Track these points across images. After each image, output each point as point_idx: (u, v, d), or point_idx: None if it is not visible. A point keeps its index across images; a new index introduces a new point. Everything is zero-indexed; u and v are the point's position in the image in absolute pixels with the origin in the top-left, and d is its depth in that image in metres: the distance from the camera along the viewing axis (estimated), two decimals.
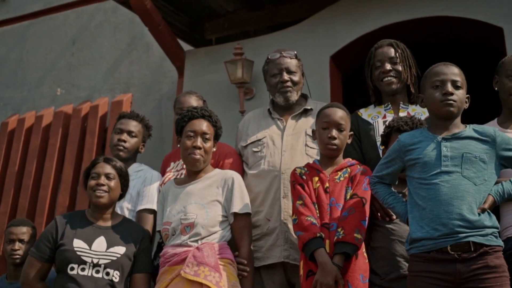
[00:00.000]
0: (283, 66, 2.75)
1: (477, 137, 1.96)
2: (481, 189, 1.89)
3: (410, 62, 2.71)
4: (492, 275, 1.79)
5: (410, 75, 2.70)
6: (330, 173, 2.34)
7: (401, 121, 2.31)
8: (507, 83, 2.41)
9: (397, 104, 2.68)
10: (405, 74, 2.68)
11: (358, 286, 2.12)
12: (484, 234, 1.83)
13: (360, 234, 2.12)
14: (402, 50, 2.71)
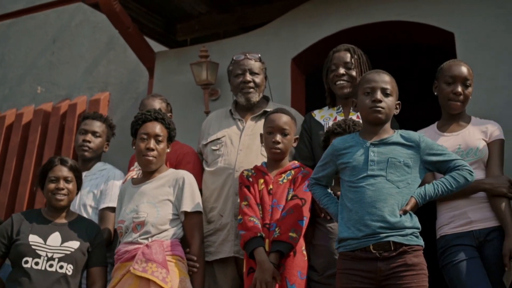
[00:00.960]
0: (246, 67, 2.86)
1: (403, 143, 2.07)
2: (404, 192, 2.00)
3: (365, 68, 2.79)
4: (410, 273, 1.91)
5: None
6: (274, 175, 2.46)
7: (335, 125, 2.42)
8: (445, 88, 2.52)
9: (349, 107, 2.78)
10: (358, 79, 2.77)
11: (295, 282, 2.24)
12: (404, 234, 1.94)
13: (296, 233, 2.24)
14: (358, 56, 2.80)
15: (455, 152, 2.42)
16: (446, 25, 3.26)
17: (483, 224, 2.32)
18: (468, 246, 2.30)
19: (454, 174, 2.04)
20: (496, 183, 2.31)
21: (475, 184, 2.32)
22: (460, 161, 2.07)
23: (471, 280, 2.21)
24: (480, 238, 2.31)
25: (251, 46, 3.74)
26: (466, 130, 2.51)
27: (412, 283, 1.90)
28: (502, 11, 3.17)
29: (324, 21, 3.57)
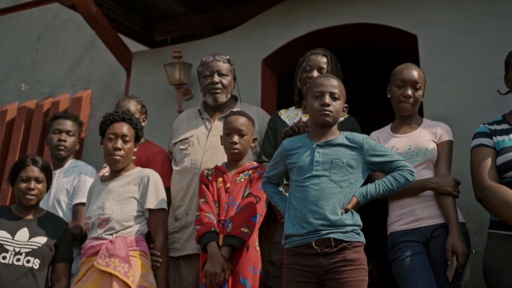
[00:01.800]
0: (214, 68, 2.96)
1: (347, 144, 2.17)
2: (346, 191, 2.10)
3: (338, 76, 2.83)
4: (349, 268, 2.01)
5: None
6: (232, 174, 2.57)
7: (289, 127, 2.52)
8: (396, 91, 2.62)
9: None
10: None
11: (248, 276, 2.35)
12: (344, 231, 2.04)
13: (248, 228, 2.35)
14: (334, 64, 2.88)
15: (406, 152, 2.53)
16: (409, 27, 3.36)
17: (429, 221, 2.42)
18: (415, 242, 2.40)
19: (396, 174, 2.14)
20: (442, 182, 2.41)
21: (423, 183, 2.44)
22: (402, 162, 2.17)
23: (415, 274, 2.32)
24: (427, 235, 2.41)
25: (224, 47, 3.85)
26: (417, 132, 2.60)
27: (350, 277, 2.00)
28: (462, 14, 3.27)
29: (294, 23, 3.66)
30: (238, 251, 2.36)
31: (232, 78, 3.06)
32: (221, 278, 2.28)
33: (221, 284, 2.29)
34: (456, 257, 2.27)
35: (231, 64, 3.07)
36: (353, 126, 2.83)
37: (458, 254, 2.27)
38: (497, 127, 2.38)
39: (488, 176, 2.25)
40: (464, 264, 2.30)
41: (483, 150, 2.34)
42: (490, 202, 2.21)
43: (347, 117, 2.86)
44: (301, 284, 2.06)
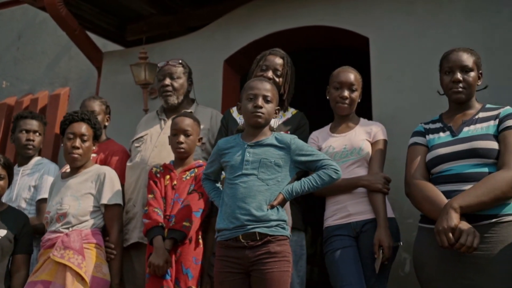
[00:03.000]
0: (167, 72, 3.13)
1: (276, 144, 2.32)
2: (273, 189, 2.24)
3: (290, 79, 2.98)
4: (272, 259, 2.16)
5: (287, 89, 2.97)
6: (179, 172, 2.73)
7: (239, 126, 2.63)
8: (333, 92, 2.77)
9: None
10: (283, 87, 2.94)
11: (190, 267, 2.53)
12: (269, 226, 2.19)
13: (189, 222, 2.52)
14: (289, 67, 2.98)
15: (341, 151, 2.69)
16: (362, 30, 3.50)
17: (360, 216, 2.57)
18: (346, 236, 2.56)
19: (320, 172, 2.29)
20: (373, 180, 2.56)
21: (355, 181, 2.59)
22: (327, 161, 2.31)
23: (343, 265, 2.48)
24: (357, 229, 2.56)
25: (189, 47, 4.01)
26: (353, 131, 2.75)
27: (273, 268, 2.15)
28: (412, 18, 3.40)
29: (255, 25, 3.81)
30: (181, 243, 2.53)
31: (185, 81, 3.19)
32: (164, 270, 2.45)
33: (164, 273, 2.45)
34: (382, 251, 2.42)
35: (184, 67, 3.21)
36: (301, 121, 2.95)
37: (384, 248, 2.41)
38: (431, 126, 2.50)
39: (415, 173, 2.37)
40: (389, 257, 2.45)
41: (416, 148, 2.46)
42: (414, 197, 2.34)
43: (296, 112, 3.00)
44: (230, 274, 2.21)
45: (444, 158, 2.31)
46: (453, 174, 2.27)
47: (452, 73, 2.42)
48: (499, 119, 2.32)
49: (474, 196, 2.12)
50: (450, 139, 2.36)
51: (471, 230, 2.05)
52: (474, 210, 2.13)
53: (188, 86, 3.20)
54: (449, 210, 2.10)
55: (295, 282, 2.69)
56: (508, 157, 2.19)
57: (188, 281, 2.48)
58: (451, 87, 2.42)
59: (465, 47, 2.52)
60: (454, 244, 2.06)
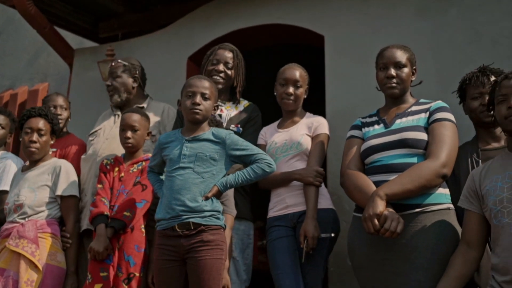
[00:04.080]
0: (108, 72, 3.27)
1: (212, 139, 2.44)
2: (208, 181, 2.36)
3: (241, 71, 3.10)
4: (205, 248, 2.28)
5: (239, 82, 3.09)
6: (127, 165, 2.86)
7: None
8: (279, 89, 2.88)
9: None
10: (236, 80, 3.07)
11: (132, 254, 2.65)
12: (202, 216, 2.31)
13: (130, 212, 2.65)
14: (239, 60, 3.10)
15: (282, 146, 2.80)
16: (318, 28, 3.60)
17: (296, 208, 2.69)
18: (284, 226, 2.69)
19: (254, 166, 2.41)
20: (305, 174, 2.67)
21: (289, 175, 2.71)
22: (261, 155, 2.43)
23: (279, 254, 2.61)
24: (294, 220, 2.68)
25: (154, 45, 4.13)
26: (295, 126, 2.85)
27: (206, 256, 2.27)
28: (366, 16, 3.50)
29: (217, 23, 3.92)
30: (124, 232, 2.66)
31: (127, 78, 3.30)
32: (103, 256, 2.59)
33: (103, 259, 2.60)
34: (307, 241, 2.52)
35: (125, 65, 3.33)
36: (253, 113, 3.06)
37: (308, 238, 2.52)
38: (368, 119, 2.60)
39: (349, 164, 2.46)
40: (313, 247, 2.54)
41: (352, 141, 2.56)
42: (346, 187, 2.42)
43: (248, 105, 3.11)
44: (167, 262, 2.34)
45: (375, 149, 2.40)
46: (383, 165, 2.34)
47: (386, 69, 2.51)
48: (429, 112, 2.41)
49: (399, 184, 2.19)
50: (382, 131, 2.45)
51: (395, 216, 2.12)
52: (400, 198, 2.20)
53: (133, 83, 3.31)
54: (375, 198, 2.17)
55: (241, 269, 2.83)
56: (434, 147, 2.27)
57: (130, 268, 2.61)
58: (386, 82, 2.51)
59: (400, 44, 2.62)
60: (380, 230, 2.12)
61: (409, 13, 3.40)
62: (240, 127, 2.95)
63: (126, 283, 2.62)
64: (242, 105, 3.09)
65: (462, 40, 3.22)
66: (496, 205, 2.01)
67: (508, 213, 1.96)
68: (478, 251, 2.10)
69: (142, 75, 3.38)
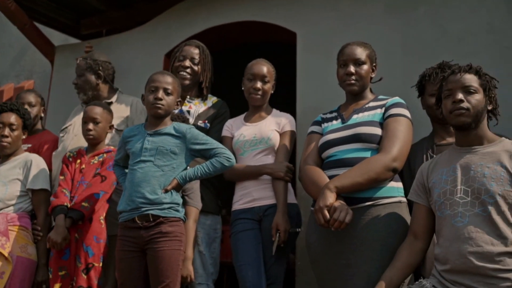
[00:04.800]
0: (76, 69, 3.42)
1: (173, 133, 2.50)
2: (168, 175, 2.43)
3: (208, 67, 3.15)
4: (163, 239, 2.35)
5: (206, 77, 3.15)
6: (89, 157, 2.94)
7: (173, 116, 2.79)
8: (247, 84, 2.93)
9: (184, 98, 3.13)
10: (202, 76, 3.13)
11: (91, 245, 2.75)
12: (161, 208, 2.38)
13: (89, 203, 2.73)
14: (205, 56, 3.15)
15: (251, 140, 2.86)
16: (290, 25, 3.66)
17: (263, 201, 2.74)
18: (249, 219, 2.74)
19: (213, 160, 2.47)
20: (276, 168, 2.72)
21: (260, 169, 2.76)
22: (220, 150, 2.49)
23: (243, 246, 2.67)
24: (260, 213, 2.73)
25: (132, 42, 4.19)
26: (264, 122, 2.91)
27: (164, 247, 2.34)
28: (337, 13, 3.55)
29: (193, 21, 3.97)
30: (83, 223, 2.74)
31: (90, 76, 3.41)
32: (61, 246, 2.66)
33: (61, 249, 2.68)
34: (278, 234, 2.58)
35: (87, 63, 3.42)
36: (221, 110, 3.13)
37: (281, 231, 2.58)
38: (328, 115, 2.65)
39: (307, 159, 2.50)
40: (285, 240, 2.60)
41: (311, 137, 2.61)
42: (303, 181, 2.47)
43: (217, 101, 3.17)
44: (128, 252, 2.41)
45: (331, 143, 2.44)
46: (338, 159, 2.39)
47: (346, 66, 2.55)
48: (385, 107, 2.46)
49: (349, 177, 2.24)
50: (339, 126, 2.49)
51: (344, 207, 2.15)
52: (350, 190, 2.24)
53: (97, 80, 3.38)
54: (325, 191, 2.21)
55: (208, 262, 2.88)
56: (386, 142, 2.31)
57: (89, 258, 2.70)
58: (345, 79, 2.56)
59: (360, 41, 2.66)
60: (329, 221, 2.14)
61: (379, 10, 3.45)
62: (208, 123, 3.01)
63: (85, 273, 2.71)
64: (210, 101, 3.15)
65: (429, 37, 3.27)
66: (440, 197, 2.07)
67: (450, 205, 2.02)
68: (424, 242, 2.15)
69: (107, 70, 3.44)
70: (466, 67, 2.12)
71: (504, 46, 3.11)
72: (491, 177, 1.97)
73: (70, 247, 2.72)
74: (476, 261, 1.89)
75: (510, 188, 1.94)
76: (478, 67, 2.14)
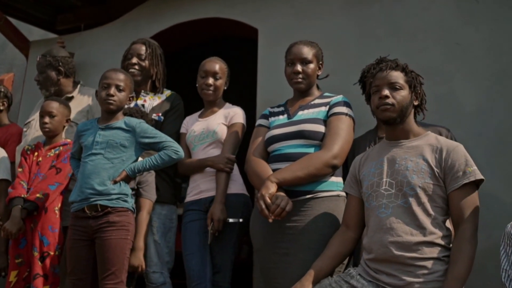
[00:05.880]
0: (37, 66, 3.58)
1: (124, 128, 2.62)
2: (117, 167, 2.55)
3: (157, 61, 3.26)
4: (110, 228, 2.47)
5: (156, 72, 3.27)
6: (46, 150, 3.06)
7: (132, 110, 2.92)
8: (200, 80, 3.04)
9: (139, 93, 3.25)
10: (152, 70, 3.23)
11: (46, 234, 2.87)
12: (109, 199, 2.50)
13: (43, 195, 2.86)
14: (152, 50, 3.25)
15: (200, 134, 2.96)
16: (252, 22, 3.76)
17: (209, 193, 2.85)
18: (197, 210, 2.85)
19: (161, 153, 2.59)
20: (217, 160, 2.82)
21: (202, 162, 2.88)
22: (168, 143, 2.60)
23: (189, 236, 2.81)
24: (206, 204, 2.84)
25: (104, 38, 4.29)
26: (214, 116, 3.01)
27: (112, 236, 2.46)
28: (295, 10, 3.65)
29: (161, 17, 4.07)
30: (38, 213, 2.87)
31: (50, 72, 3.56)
32: (16, 236, 2.80)
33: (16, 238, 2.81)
34: (213, 223, 2.68)
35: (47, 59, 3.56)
36: (174, 102, 3.23)
37: (214, 221, 2.68)
38: (276, 109, 2.75)
39: (253, 152, 2.60)
40: (219, 229, 2.69)
41: (259, 130, 2.71)
42: (248, 173, 2.57)
43: (170, 94, 3.28)
44: (78, 241, 2.53)
45: (276, 138, 2.55)
46: (282, 154, 2.50)
47: (293, 65, 2.66)
48: (329, 105, 2.57)
49: (290, 171, 2.35)
50: (285, 122, 2.60)
51: (284, 197, 2.26)
52: (290, 184, 2.35)
53: (57, 75, 3.50)
54: (266, 182, 2.32)
55: (163, 252, 3.00)
56: (328, 140, 2.42)
57: (44, 247, 2.83)
58: (292, 77, 2.66)
59: (307, 40, 2.76)
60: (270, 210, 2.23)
61: (335, 7, 3.55)
62: (162, 115, 3.11)
63: (41, 261, 2.83)
64: (164, 94, 3.26)
65: (383, 33, 3.37)
66: (368, 189, 2.18)
67: (376, 196, 2.13)
68: (355, 232, 2.26)
69: (67, 65, 3.54)
70: (393, 64, 2.22)
71: (454, 42, 3.21)
72: (413, 170, 2.08)
73: (26, 236, 2.85)
74: (395, 251, 2.00)
75: (430, 181, 2.05)
76: (405, 64, 2.24)
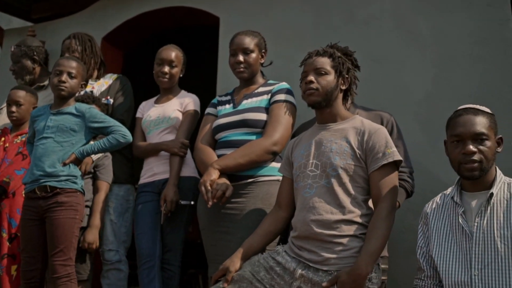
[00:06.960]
0: (12, 56, 3.70)
1: (74, 113, 2.73)
2: (66, 150, 2.67)
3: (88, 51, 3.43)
4: (59, 208, 2.59)
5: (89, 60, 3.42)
6: (13, 136, 3.16)
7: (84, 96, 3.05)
8: (156, 68, 3.14)
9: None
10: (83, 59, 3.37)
11: (14, 217, 2.98)
12: (58, 180, 2.62)
13: (9, 179, 2.96)
14: (80, 41, 3.43)
15: (156, 119, 3.08)
16: (215, 10, 3.84)
17: (162, 176, 2.97)
18: (150, 192, 2.98)
19: (110, 136, 2.70)
20: (171, 145, 2.94)
21: (157, 146, 2.99)
22: (117, 127, 2.72)
23: (142, 216, 2.93)
24: (159, 186, 2.96)
25: (74, 26, 4.38)
26: (170, 102, 3.12)
27: (60, 215, 2.58)
28: (254, 0, 3.74)
29: (128, 6, 4.16)
30: (6, 197, 2.99)
31: (27, 61, 3.71)
32: None
33: None
34: (165, 204, 2.80)
35: (21, 49, 3.71)
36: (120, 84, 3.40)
37: (167, 202, 2.80)
38: (224, 98, 2.84)
39: (201, 140, 2.71)
40: (171, 210, 2.81)
41: (207, 118, 2.81)
42: (195, 160, 2.70)
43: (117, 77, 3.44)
44: (29, 221, 2.66)
45: (222, 127, 2.66)
46: (227, 141, 2.62)
47: (235, 55, 2.74)
48: (271, 93, 2.67)
49: (232, 158, 2.47)
50: (230, 111, 2.70)
51: (225, 184, 2.39)
52: (232, 170, 2.47)
53: (33, 64, 3.64)
54: (209, 168, 2.45)
55: (120, 231, 3.14)
56: (269, 127, 2.53)
57: (12, 229, 2.95)
58: (235, 67, 2.75)
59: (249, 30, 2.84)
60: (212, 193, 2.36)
61: None
62: (110, 98, 3.27)
63: (9, 242, 2.95)
64: (111, 79, 3.41)
65: (338, 21, 3.46)
66: (297, 170, 2.28)
67: (303, 177, 2.23)
68: (286, 211, 2.35)
69: (41, 54, 3.66)
70: (321, 51, 2.31)
71: (406, 30, 3.29)
72: (337, 152, 2.18)
73: None
74: (316, 228, 2.10)
75: (352, 162, 2.15)
76: (332, 50, 2.33)
